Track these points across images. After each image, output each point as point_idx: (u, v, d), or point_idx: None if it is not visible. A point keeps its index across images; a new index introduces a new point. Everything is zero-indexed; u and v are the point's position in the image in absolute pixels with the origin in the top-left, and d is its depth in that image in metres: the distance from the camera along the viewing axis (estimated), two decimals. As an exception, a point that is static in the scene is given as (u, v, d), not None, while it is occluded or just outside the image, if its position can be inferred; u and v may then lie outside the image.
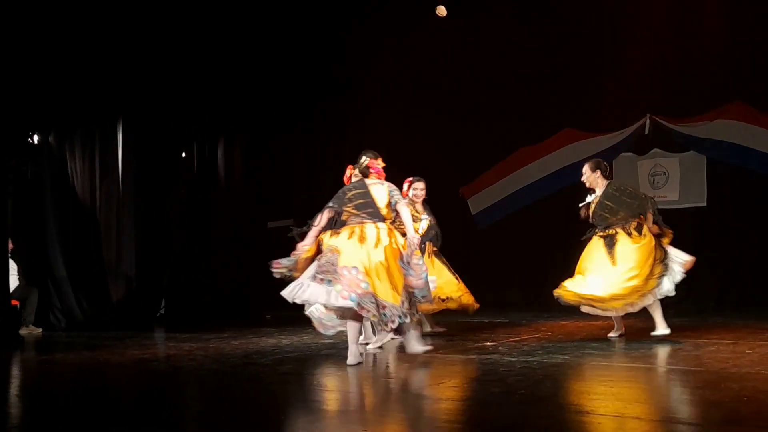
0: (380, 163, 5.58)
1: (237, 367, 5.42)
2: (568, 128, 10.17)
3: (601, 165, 6.56)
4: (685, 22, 9.24)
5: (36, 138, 9.52)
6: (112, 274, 9.40)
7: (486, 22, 9.89)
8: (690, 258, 6.23)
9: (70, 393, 4.80)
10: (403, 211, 5.39)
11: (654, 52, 9.30)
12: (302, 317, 5.94)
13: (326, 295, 5.00)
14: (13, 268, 8.67)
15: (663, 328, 6.22)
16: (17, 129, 8.99)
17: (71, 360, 6.29)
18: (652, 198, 6.63)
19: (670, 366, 5.03)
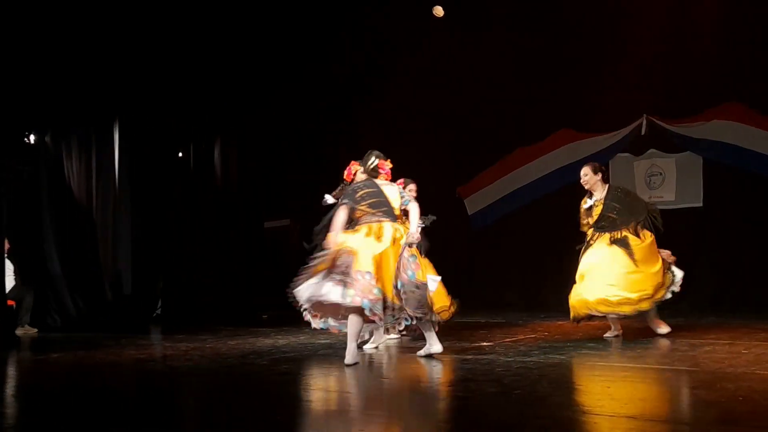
0: (389, 164, 5.61)
1: (233, 367, 5.42)
2: (565, 128, 10.18)
3: (602, 168, 6.64)
4: (681, 23, 9.26)
5: (32, 138, 9.51)
6: (108, 274, 9.41)
7: (483, 22, 9.91)
8: (667, 252, 6.42)
9: (66, 393, 4.78)
10: (413, 210, 5.44)
11: (650, 52, 9.32)
12: (298, 317, 5.93)
13: (341, 296, 5.03)
14: (9, 268, 8.67)
15: (664, 327, 6.38)
16: (13, 129, 9.00)
17: (67, 360, 6.27)
18: (654, 206, 6.69)
19: (665, 366, 5.03)
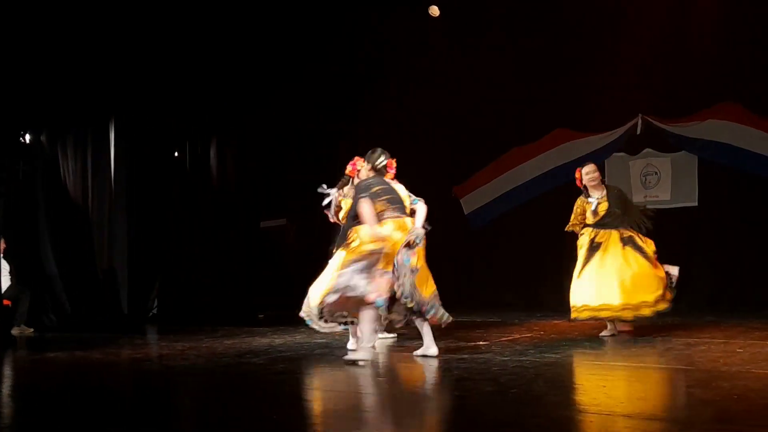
0: (394, 163, 5.64)
1: (230, 367, 5.41)
2: (561, 128, 10.20)
3: (599, 170, 6.79)
4: (680, 23, 9.28)
5: (28, 137, 9.49)
6: (104, 273, 9.38)
7: (479, 22, 9.91)
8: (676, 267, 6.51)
9: (62, 393, 4.78)
10: (420, 208, 5.45)
11: (646, 52, 9.33)
12: (295, 317, 5.94)
13: (363, 289, 5.04)
14: (5, 268, 8.66)
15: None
16: (9, 128, 8.98)
17: (63, 359, 6.26)
18: (647, 209, 6.76)
19: (661, 365, 5.04)
